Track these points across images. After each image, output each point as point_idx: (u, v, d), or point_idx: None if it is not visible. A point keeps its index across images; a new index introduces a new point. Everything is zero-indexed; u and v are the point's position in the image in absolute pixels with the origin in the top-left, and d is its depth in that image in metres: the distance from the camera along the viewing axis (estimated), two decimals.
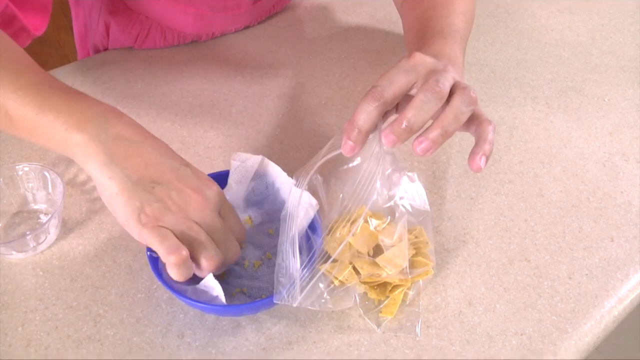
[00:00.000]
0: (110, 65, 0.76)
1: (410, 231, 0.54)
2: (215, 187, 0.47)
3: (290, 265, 0.48)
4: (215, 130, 0.68)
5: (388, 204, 0.52)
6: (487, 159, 0.47)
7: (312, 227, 0.51)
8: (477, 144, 0.48)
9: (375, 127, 0.47)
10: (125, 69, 0.75)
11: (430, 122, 0.47)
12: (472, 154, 0.47)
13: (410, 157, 0.65)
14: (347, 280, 0.50)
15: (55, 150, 0.46)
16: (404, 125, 0.45)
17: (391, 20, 0.85)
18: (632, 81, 0.78)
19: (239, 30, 0.83)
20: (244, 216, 0.56)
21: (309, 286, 0.48)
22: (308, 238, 0.51)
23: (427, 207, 0.55)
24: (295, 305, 0.47)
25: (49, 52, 1.54)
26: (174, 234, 0.43)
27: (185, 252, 0.42)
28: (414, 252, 0.52)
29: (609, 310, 0.53)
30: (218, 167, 0.63)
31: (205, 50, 0.79)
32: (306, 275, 0.48)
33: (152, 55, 0.77)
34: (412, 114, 0.45)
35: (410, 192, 0.54)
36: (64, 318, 0.50)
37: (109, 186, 0.44)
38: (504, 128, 0.70)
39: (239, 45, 0.80)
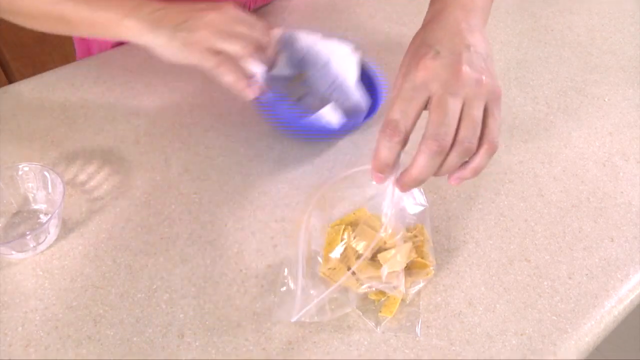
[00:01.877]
0: (110, 65, 0.76)
1: (410, 230, 0.54)
2: (227, 5, 0.59)
3: (293, 281, 0.49)
4: (215, 130, 0.68)
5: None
6: (464, 180, 0.47)
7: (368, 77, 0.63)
8: (464, 165, 0.47)
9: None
10: (125, 69, 0.75)
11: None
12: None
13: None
14: (346, 284, 0.50)
15: (111, 38, 0.64)
16: (413, 178, 0.45)
17: (391, 20, 0.85)
18: (632, 81, 0.78)
19: None
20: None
21: (311, 303, 0.48)
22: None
23: (426, 203, 0.55)
24: (292, 320, 0.48)
25: (49, 52, 1.54)
26: (210, 47, 0.56)
27: (222, 57, 0.56)
28: (414, 255, 0.52)
29: (609, 310, 0.53)
30: (218, 167, 0.63)
31: None
32: (309, 288, 0.48)
33: (152, 55, 0.77)
34: (417, 172, 0.44)
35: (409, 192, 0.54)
36: (64, 318, 0.50)
37: (159, 44, 0.57)
38: (504, 128, 0.70)
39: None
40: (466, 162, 0.47)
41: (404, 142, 0.45)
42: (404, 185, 0.46)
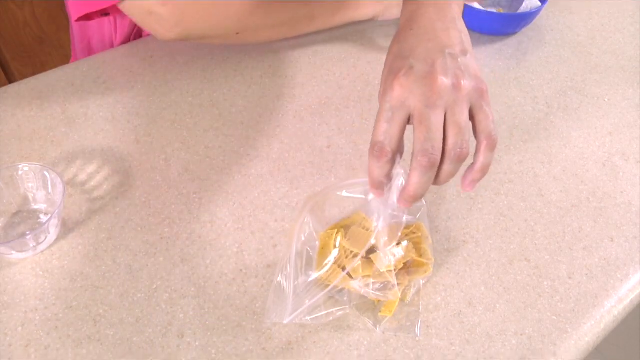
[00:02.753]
0: (110, 65, 0.76)
1: (407, 227, 0.54)
2: None
3: (286, 282, 0.49)
4: (215, 130, 0.68)
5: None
6: (477, 182, 0.48)
7: None
8: (471, 167, 0.47)
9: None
10: (125, 69, 0.75)
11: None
12: (464, 175, 0.48)
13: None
14: (341, 284, 0.50)
15: (346, 22, 0.78)
16: (411, 195, 0.45)
17: (391, 19, 0.85)
18: (632, 81, 0.78)
19: None
20: None
21: (304, 306, 0.49)
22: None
23: (423, 201, 0.55)
24: (285, 322, 0.48)
25: (49, 52, 1.54)
26: None
27: None
28: (413, 253, 0.52)
29: (609, 310, 0.53)
30: (218, 167, 0.63)
31: (205, 50, 0.79)
32: (302, 291, 0.48)
33: (152, 54, 0.77)
34: (414, 189, 0.45)
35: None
36: (64, 318, 0.50)
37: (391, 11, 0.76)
38: (504, 128, 0.70)
39: (239, 45, 0.80)
40: (472, 164, 0.47)
41: (393, 160, 0.46)
42: (405, 202, 0.46)
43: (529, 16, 0.81)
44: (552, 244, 0.58)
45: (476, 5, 0.82)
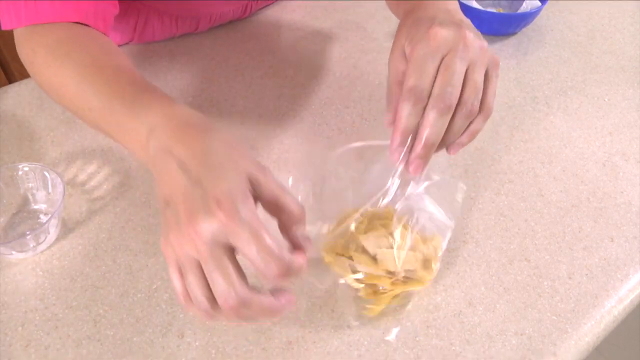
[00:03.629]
0: None
1: (426, 239, 0.52)
2: (221, 214, 0.37)
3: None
4: None
5: (402, 205, 0.51)
6: (463, 146, 0.49)
7: None
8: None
9: None
10: None
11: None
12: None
13: None
14: (338, 270, 0.50)
15: None
16: (424, 140, 0.45)
17: (391, 19, 0.85)
18: (632, 81, 0.78)
19: (239, 20, 0.83)
20: None
21: None
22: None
23: (452, 222, 0.53)
24: None
25: None
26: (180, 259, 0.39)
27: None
28: (420, 262, 0.51)
29: (609, 310, 0.53)
30: None
31: (206, 50, 0.79)
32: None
33: (152, 54, 0.77)
34: (428, 133, 0.45)
35: (440, 201, 0.53)
36: (64, 318, 0.50)
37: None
38: (504, 128, 0.70)
39: (239, 45, 0.80)
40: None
41: (423, 109, 0.45)
42: (416, 157, 0.46)
43: (529, 16, 0.81)
44: (552, 244, 0.58)
45: (476, 5, 0.82)
